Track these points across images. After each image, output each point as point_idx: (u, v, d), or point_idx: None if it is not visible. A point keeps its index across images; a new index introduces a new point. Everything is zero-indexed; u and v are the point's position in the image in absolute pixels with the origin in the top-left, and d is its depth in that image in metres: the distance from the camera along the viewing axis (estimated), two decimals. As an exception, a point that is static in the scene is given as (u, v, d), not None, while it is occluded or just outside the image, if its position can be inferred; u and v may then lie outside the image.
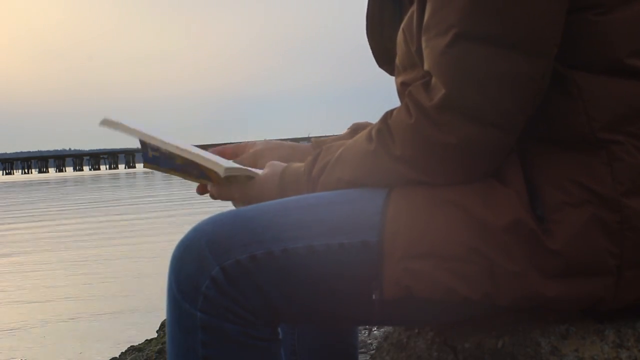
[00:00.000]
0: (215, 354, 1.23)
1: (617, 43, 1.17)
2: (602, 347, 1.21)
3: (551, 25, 1.15)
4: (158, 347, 3.85)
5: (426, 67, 1.20)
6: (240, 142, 1.60)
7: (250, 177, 1.45)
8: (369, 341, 4.06)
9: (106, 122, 1.52)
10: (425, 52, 1.21)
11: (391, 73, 1.45)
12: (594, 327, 1.23)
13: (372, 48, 1.49)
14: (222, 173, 1.41)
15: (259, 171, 1.46)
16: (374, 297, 1.21)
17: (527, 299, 1.18)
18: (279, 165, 1.42)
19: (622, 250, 1.16)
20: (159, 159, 1.49)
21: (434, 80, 1.18)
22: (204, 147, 1.61)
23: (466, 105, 1.15)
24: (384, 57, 1.47)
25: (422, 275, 1.18)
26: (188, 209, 15.84)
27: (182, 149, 1.46)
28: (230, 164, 1.46)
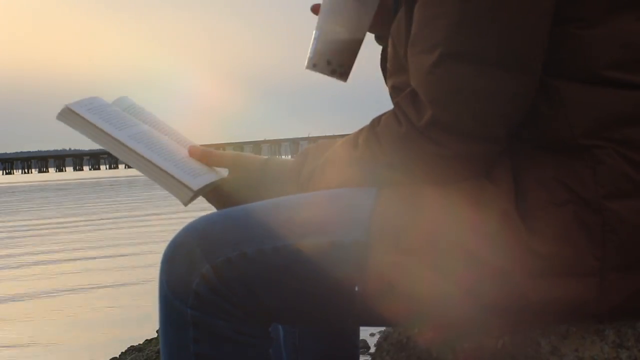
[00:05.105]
0: (206, 351, 1.25)
1: (596, 56, 1.19)
2: (602, 347, 1.21)
3: (536, 43, 1.18)
4: (158, 347, 3.86)
5: (412, 82, 1.23)
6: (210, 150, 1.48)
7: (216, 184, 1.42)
8: (369, 341, 4.07)
9: (64, 115, 1.40)
10: (410, 67, 1.23)
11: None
12: (594, 327, 1.23)
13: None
14: (184, 202, 1.37)
15: (222, 171, 1.44)
16: (356, 289, 1.22)
17: (510, 297, 1.18)
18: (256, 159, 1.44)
19: (604, 253, 1.17)
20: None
21: (420, 95, 1.20)
22: None
23: (454, 124, 1.18)
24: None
25: (406, 270, 1.20)
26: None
27: (146, 162, 1.38)
28: (196, 182, 1.37)
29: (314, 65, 1.43)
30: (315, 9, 1.46)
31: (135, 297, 6.63)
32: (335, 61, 1.43)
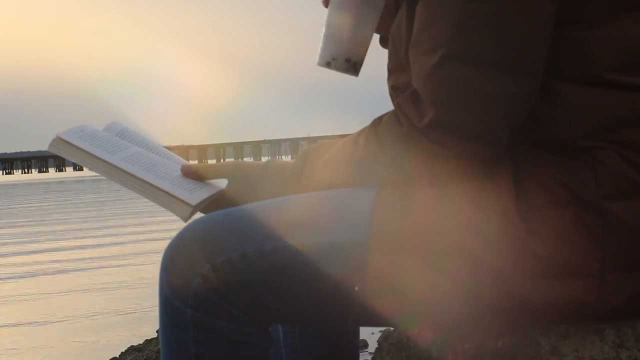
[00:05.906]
0: (207, 351, 1.25)
1: (597, 58, 1.20)
2: (602, 347, 1.21)
3: (537, 45, 1.18)
4: (158, 347, 3.85)
5: (414, 83, 1.23)
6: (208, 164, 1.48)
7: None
8: (369, 341, 4.07)
9: (55, 145, 1.40)
10: (412, 68, 1.23)
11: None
12: (594, 327, 1.23)
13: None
14: (184, 219, 1.37)
15: (221, 183, 1.44)
16: (356, 289, 1.22)
17: (510, 298, 1.19)
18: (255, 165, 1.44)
19: (604, 254, 1.17)
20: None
21: (422, 96, 1.20)
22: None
23: (455, 125, 1.18)
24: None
25: (405, 270, 1.20)
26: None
27: (142, 182, 1.38)
28: (194, 197, 1.38)
29: (326, 63, 1.43)
30: (326, 1, 1.46)
31: (135, 297, 6.63)
32: (346, 58, 1.43)
